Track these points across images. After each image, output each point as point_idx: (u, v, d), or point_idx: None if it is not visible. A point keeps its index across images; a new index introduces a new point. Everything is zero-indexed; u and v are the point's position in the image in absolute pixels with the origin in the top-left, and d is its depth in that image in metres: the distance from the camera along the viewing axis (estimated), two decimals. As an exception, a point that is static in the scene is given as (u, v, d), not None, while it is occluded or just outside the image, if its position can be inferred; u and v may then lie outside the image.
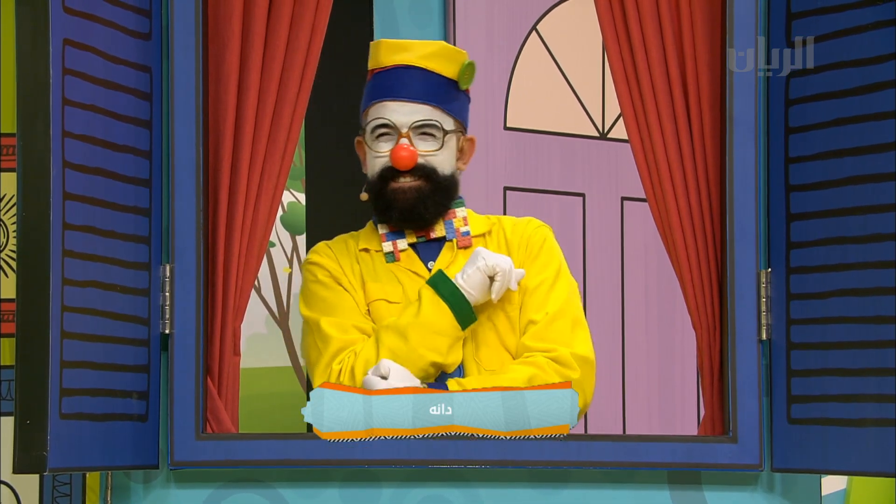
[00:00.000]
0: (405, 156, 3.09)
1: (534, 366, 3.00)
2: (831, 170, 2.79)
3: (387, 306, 3.11)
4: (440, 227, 3.16)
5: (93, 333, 2.70)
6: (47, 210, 2.61)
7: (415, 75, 3.15)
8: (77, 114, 2.68)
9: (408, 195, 3.11)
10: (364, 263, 3.16)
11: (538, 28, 4.42)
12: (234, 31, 2.94)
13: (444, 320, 3.02)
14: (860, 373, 2.73)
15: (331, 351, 3.06)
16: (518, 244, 3.16)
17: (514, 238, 3.17)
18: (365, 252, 3.17)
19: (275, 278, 4.54)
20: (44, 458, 2.58)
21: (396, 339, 3.01)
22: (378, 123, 3.12)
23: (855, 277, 2.74)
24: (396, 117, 3.12)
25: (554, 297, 3.10)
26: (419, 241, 3.16)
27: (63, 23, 2.65)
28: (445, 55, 3.16)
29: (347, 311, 3.11)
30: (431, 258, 3.15)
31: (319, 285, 3.14)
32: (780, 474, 2.87)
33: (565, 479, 2.87)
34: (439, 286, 3.04)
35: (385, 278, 3.13)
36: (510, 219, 3.23)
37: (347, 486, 2.87)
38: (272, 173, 2.99)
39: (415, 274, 3.13)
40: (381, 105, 3.13)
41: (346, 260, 3.16)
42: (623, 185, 4.52)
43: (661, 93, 2.95)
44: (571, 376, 2.99)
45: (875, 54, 2.73)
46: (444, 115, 3.14)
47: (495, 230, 3.20)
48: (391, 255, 3.15)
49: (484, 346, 3.08)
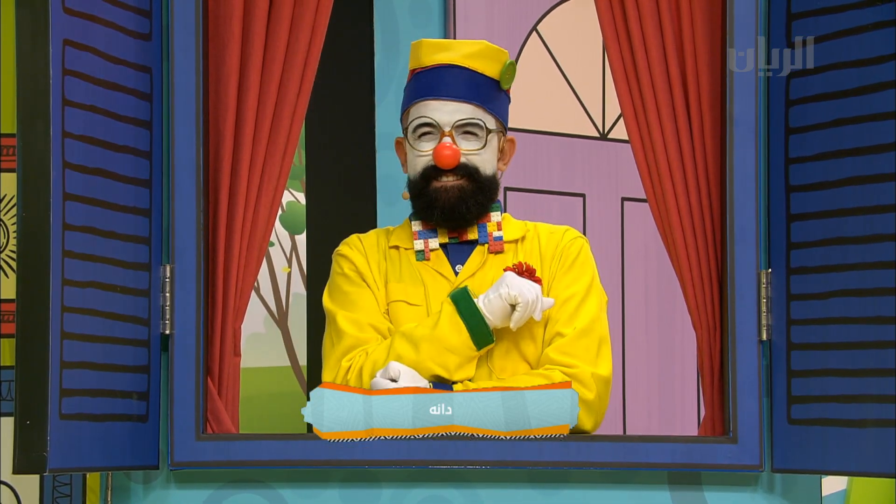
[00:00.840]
0: (448, 154, 3.07)
1: (547, 380, 2.97)
2: (831, 170, 2.79)
3: (406, 308, 3.10)
4: (473, 229, 3.14)
5: (93, 334, 2.70)
6: (47, 210, 2.61)
7: (457, 74, 3.13)
8: (77, 114, 2.68)
9: (450, 194, 3.09)
10: (391, 261, 3.14)
11: (538, 28, 4.42)
12: (234, 31, 2.94)
13: (458, 339, 3.00)
14: (860, 373, 2.73)
15: (343, 346, 3.06)
16: (552, 254, 3.13)
17: (548, 247, 3.14)
18: (394, 249, 3.15)
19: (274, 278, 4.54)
20: (44, 458, 2.58)
21: (408, 347, 3.00)
22: (420, 122, 3.11)
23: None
24: (439, 116, 3.10)
25: (584, 312, 3.07)
26: (451, 242, 3.14)
27: (63, 23, 2.65)
28: (488, 54, 3.14)
29: (367, 309, 3.09)
30: (460, 261, 3.13)
31: (344, 278, 3.13)
32: (780, 475, 2.87)
33: (565, 480, 2.87)
34: (460, 304, 3.01)
35: (409, 279, 3.11)
36: (547, 226, 3.19)
37: (347, 487, 2.87)
38: (272, 173, 2.99)
39: (441, 275, 3.11)
40: (423, 104, 3.12)
41: (374, 256, 3.14)
42: (623, 185, 4.52)
43: (661, 93, 2.95)
44: (587, 397, 2.97)
45: (875, 54, 2.73)
46: (486, 115, 3.12)
47: (530, 236, 3.16)
48: (421, 253, 3.13)
49: (498, 353, 3.05)
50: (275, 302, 4.54)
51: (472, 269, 3.11)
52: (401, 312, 3.09)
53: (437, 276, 3.11)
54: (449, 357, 2.99)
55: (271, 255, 4.52)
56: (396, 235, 3.17)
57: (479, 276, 3.10)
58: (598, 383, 3.00)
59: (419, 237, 3.13)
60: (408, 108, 3.15)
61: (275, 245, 4.53)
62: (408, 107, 3.15)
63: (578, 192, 4.50)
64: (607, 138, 4.54)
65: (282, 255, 4.56)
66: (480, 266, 3.11)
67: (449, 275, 3.11)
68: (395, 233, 3.19)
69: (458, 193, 3.09)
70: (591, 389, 2.99)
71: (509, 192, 4.32)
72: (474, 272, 3.10)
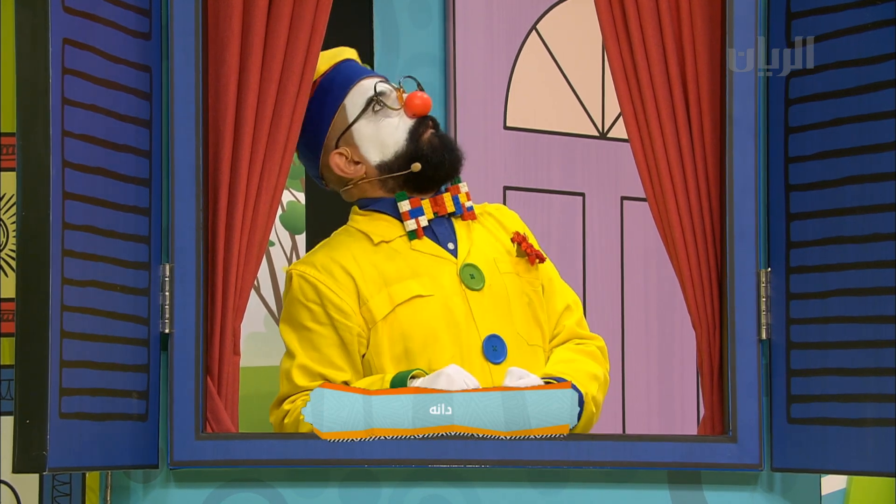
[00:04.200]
0: (425, 98, 3.12)
1: (590, 356, 3.10)
2: (831, 169, 2.79)
3: (423, 302, 3.07)
4: (449, 200, 3.15)
5: (92, 333, 2.70)
6: (47, 209, 2.61)
7: (355, 63, 3.22)
8: (77, 113, 2.68)
9: (442, 139, 3.13)
10: (385, 261, 3.11)
11: (538, 28, 4.42)
12: (234, 31, 2.94)
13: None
14: (860, 372, 2.73)
15: (287, 389, 3.07)
16: (511, 224, 3.20)
17: (504, 219, 3.21)
18: (383, 245, 3.13)
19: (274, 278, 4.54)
20: (43, 457, 2.58)
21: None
22: (370, 96, 3.13)
23: (854, 277, 2.74)
24: (383, 85, 3.13)
25: (565, 285, 3.21)
26: (434, 218, 3.13)
27: (63, 22, 2.65)
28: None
29: (323, 353, 3.06)
30: (450, 239, 3.13)
31: (306, 311, 3.08)
32: (779, 474, 2.87)
33: (565, 479, 2.87)
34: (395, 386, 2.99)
35: (411, 273, 3.09)
36: (485, 204, 3.26)
37: (347, 486, 2.87)
38: (272, 173, 2.98)
39: (439, 258, 3.10)
40: (357, 87, 3.15)
41: (354, 272, 3.08)
42: (623, 185, 4.52)
43: (661, 92, 2.95)
44: (606, 367, 3.14)
45: (875, 54, 2.73)
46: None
47: (484, 213, 3.22)
48: (413, 233, 3.12)
49: (522, 320, 3.10)
50: (275, 301, 4.54)
51: (466, 241, 3.11)
52: (418, 308, 3.07)
53: (434, 258, 3.10)
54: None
55: (272, 254, 4.52)
56: (373, 232, 3.13)
57: (475, 247, 3.13)
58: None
59: (411, 216, 3.12)
60: (338, 109, 3.15)
61: (275, 245, 4.53)
62: (337, 108, 3.15)
63: (578, 192, 4.50)
64: (607, 137, 4.53)
65: (282, 254, 4.56)
66: (469, 236, 3.14)
67: (446, 255, 3.10)
68: (368, 230, 3.14)
69: (444, 138, 3.13)
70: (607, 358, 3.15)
71: (509, 191, 4.32)
72: (470, 245, 3.11)
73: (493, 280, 3.10)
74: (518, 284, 3.12)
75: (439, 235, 3.12)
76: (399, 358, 3.05)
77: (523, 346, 3.08)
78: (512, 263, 3.14)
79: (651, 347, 4.60)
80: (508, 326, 3.08)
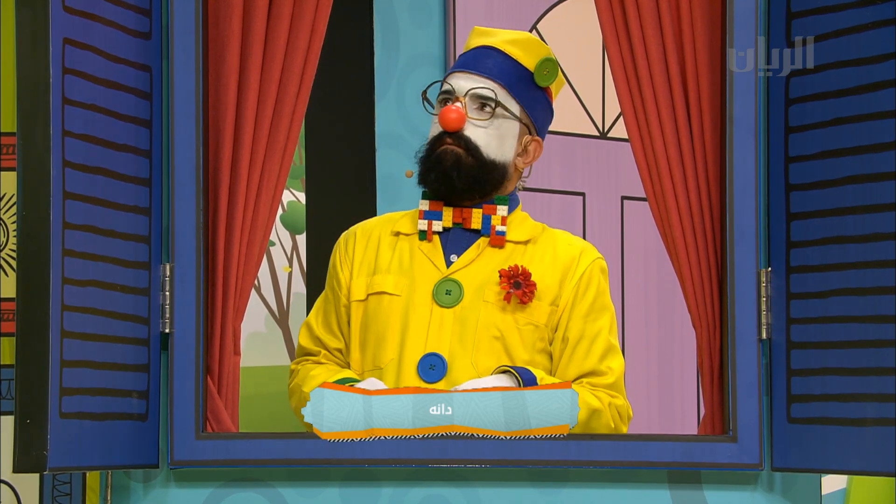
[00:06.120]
0: (453, 116, 3.07)
1: (595, 395, 3.05)
2: (831, 169, 2.79)
3: (389, 300, 3.08)
4: (478, 217, 3.14)
5: (93, 333, 2.70)
6: (47, 210, 2.61)
7: (490, 54, 3.14)
8: (77, 113, 2.68)
9: (447, 156, 3.08)
10: (386, 249, 3.13)
11: (538, 28, 4.42)
12: (234, 31, 2.94)
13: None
14: (860, 372, 2.73)
15: (299, 350, 3.20)
16: (567, 268, 3.10)
17: (563, 258, 3.11)
18: (396, 236, 3.14)
19: (275, 277, 4.54)
20: (44, 457, 2.58)
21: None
22: (441, 90, 3.15)
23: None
24: (458, 83, 3.12)
25: (615, 355, 3.11)
26: (454, 227, 3.12)
27: (63, 22, 2.65)
28: (527, 45, 3.16)
29: (325, 319, 3.18)
30: (457, 251, 3.11)
31: (330, 273, 3.20)
32: (780, 474, 2.87)
33: (565, 479, 2.87)
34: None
35: (399, 269, 3.10)
36: (565, 236, 3.17)
37: (347, 486, 2.87)
38: (272, 173, 2.99)
39: (432, 264, 3.10)
40: (450, 77, 3.15)
41: (360, 245, 3.16)
42: (623, 185, 4.53)
43: (661, 92, 2.95)
44: (622, 429, 3.09)
45: (875, 54, 2.73)
46: (508, 97, 3.12)
47: (542, 241, 3.13)
48: (423, 233, 3.12)
49: (485, 353, 3.04)
50: (275, 301, 4.54)
51: (466, 260, 3.09)
52: (383, 304, 3.08)
53: (428, 264, 3.09)
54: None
55: (272, 254, 4.52)
56: (402, 222, 3.16)
57: (472, 267, 3.09)
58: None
59: (424, 217, 3.12)
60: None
61: (275, 245, 4.53)
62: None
63: (578, 191, 4.50)
64: (607, 137, 4.54)
65: (282, 254, 4.56)
66: (476, 258, 3.09)
67: (441, 265, 3.09)
68: (402, 219, 3.18)
69: (454, 159, 3.07)
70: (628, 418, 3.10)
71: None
72: (468, 263, 3.09)
73: (469, 303, 3.06)
74: (494, 317, 3.05)
75: (449, 245, 3.12)
76: (362, 344, 3.11)
77: (474, 377, 3.03)
78: (500, 296, 3.07)
79: (651, 347, 4.60)
80: (463, 353, 3.03)
